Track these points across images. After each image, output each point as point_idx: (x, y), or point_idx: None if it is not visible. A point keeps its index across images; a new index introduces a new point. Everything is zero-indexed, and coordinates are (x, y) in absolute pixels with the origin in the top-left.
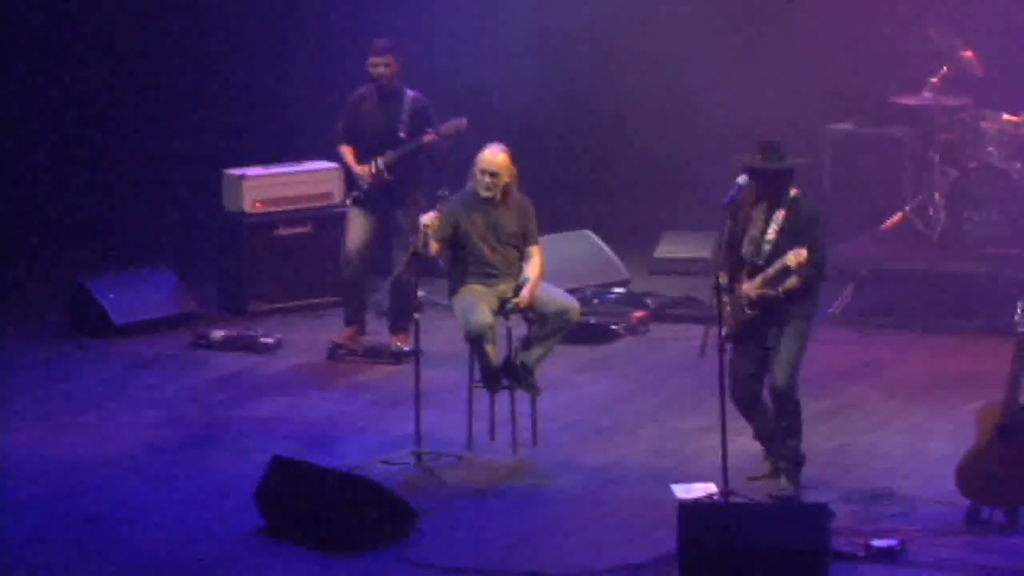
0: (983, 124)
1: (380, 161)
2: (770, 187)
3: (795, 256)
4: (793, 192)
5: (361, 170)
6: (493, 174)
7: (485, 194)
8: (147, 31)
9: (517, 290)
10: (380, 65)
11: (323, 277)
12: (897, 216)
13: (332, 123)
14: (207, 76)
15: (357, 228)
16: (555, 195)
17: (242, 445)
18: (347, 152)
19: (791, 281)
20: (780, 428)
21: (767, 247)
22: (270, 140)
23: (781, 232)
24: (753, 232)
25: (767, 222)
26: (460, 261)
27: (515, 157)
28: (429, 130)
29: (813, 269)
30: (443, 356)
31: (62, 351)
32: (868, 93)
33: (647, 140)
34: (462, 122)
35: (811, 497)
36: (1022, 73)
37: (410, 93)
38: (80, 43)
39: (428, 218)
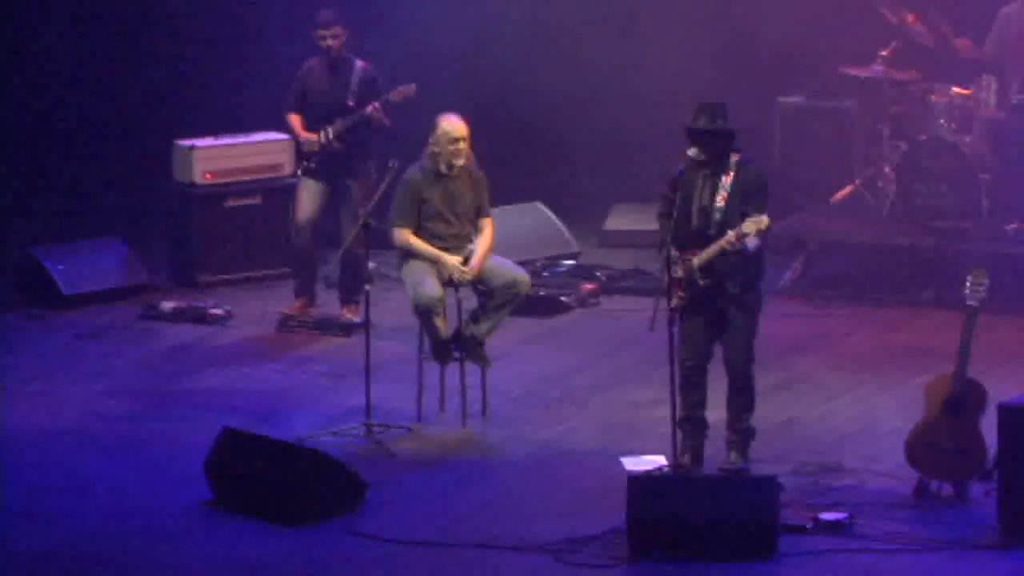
0: (933, 97)
1: (329, 131)
2: (712, 150)
3: (755, 223)
4: (734, 157)
5: (310, 136)
6: (463, 139)
7: (457, 163)
8: (96, 1)
9: (466, 261)
10: (329, 37)
11: (273, 248)
12: (847, 189)
13: (282, 94)
14: (157, 46)
15: (308, 198)
16: (506, 167)
17: (191, 416)
18: (295, 120)
19: (749, 240)
20: (735, 402)
21: (717, 215)
22: (221, 111)
23: (730, 198)
24: (701, 201)
25: (714, 189)
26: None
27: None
28: (373, 104)
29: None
30: (393, 328)
31: (11, 321)
32: (818, 65)
33: (597, 112)
34: (411, 88)
35: (760, 470)
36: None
37: (359, 63)
38: (29, 13)
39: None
